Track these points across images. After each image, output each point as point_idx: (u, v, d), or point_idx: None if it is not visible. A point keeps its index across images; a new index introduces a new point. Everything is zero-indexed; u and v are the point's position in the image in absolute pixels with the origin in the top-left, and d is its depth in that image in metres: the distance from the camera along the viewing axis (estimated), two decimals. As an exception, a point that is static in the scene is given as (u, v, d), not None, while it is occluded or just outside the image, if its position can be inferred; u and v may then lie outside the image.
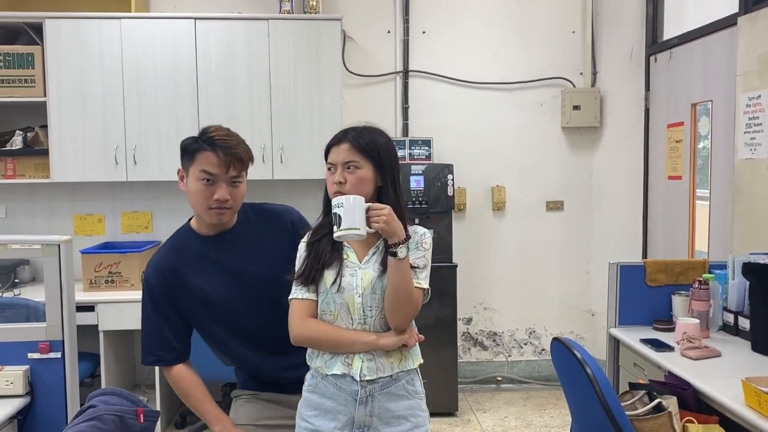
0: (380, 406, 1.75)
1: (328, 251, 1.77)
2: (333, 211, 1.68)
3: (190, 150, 1.98)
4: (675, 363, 2.35)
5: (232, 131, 2.04)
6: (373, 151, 1.76)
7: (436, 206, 4.06)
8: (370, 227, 1.67)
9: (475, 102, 4.51)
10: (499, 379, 4.62)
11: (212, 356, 3.58)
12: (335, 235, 1.68)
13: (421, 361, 1.83)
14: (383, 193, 1.78)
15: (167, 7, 4.31)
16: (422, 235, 1.81)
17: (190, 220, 2.10)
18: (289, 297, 1.80)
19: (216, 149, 1.93)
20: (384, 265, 1.74)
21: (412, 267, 1.74)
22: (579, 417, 2.10)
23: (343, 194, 1.72)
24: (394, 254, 1.67)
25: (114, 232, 4.30)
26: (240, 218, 2.06)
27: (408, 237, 1.71)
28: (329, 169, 1.79)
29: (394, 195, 1.79)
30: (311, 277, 1.76)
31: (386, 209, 1.68)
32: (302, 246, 1.83)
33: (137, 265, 3.82)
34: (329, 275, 1.75)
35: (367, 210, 1.68)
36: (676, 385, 2.18)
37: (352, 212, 1.66)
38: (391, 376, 1.75)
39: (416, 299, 1.73)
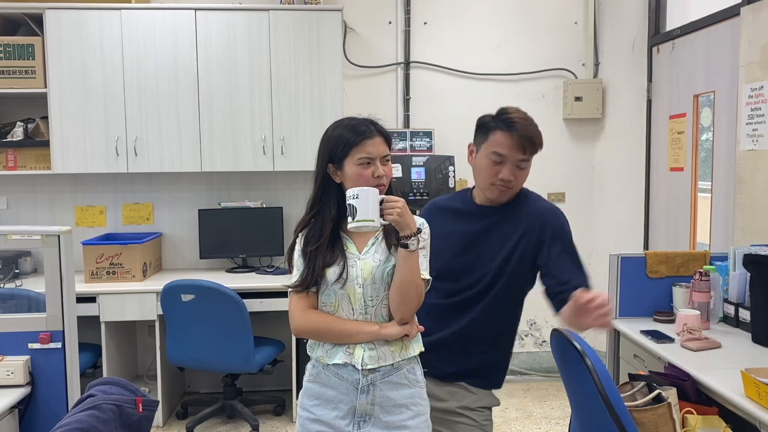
0: (381, 395, 1.75)
1: (329, 253, 1.75)
2: (348, 203, 1.67)
3: (486, 128, 2.00)
4: (675, 354, 2.34)
5: (529, 115, 2.03)
6: (390, 143, 1.80)
7: (438, 198, 4.06)
8: (383, 219, 1.67)
9: (477, 93, 4.49)
10: (500, 370, 4.63)
11: (214, 349, 3.61)
12: (350, 226, 1.68)
13: (422, 348, 1.84)
14: (393, 184, 1.81)
15: (168, -3, 4.30)
16: (421, 225, 1.81)
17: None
18: (289, 289, 1.80)
19: (512, 130, 1.95)
20: (384, 255, 1.75)
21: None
22: (579, 408, 2.10)
23: (385, 187, 1.73)
24: (406, 246, 1.67)
25: (115, 223, 4.31)
26: (514, 201, 2.09)
27: (420, 230, 1.72)
28: (364, 163, 1.72)
29: (394, 187, 1.82)
30: (313, 282, 1.75)
31: (400, 201, 1.68)
32: (298, 258, 1.78)
33: (138, 256, 3.83)
34: (333, 271, 1.74)
35: (381, 202, 1.68)
36: (675, 376, 2.18)
37: (366, 204, 1.65)
38: (392, 364, 1.75)
39: (422, 290, 1.74)
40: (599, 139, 4.57)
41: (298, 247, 1.80)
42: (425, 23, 4.46)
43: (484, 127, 2.01)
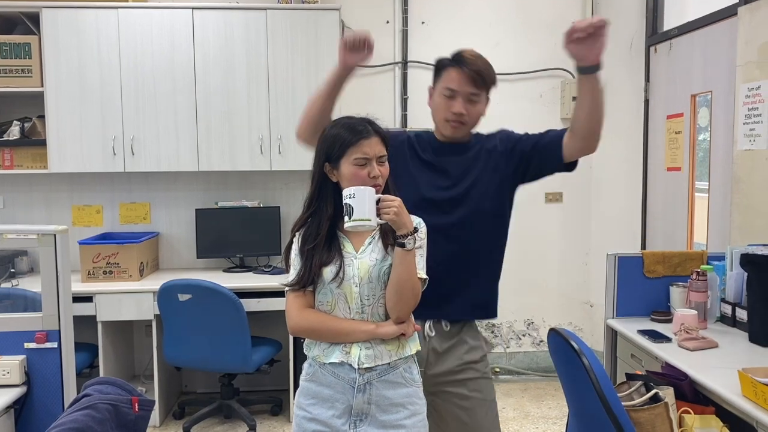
0: (378, 394, 1.75)
1: (326, 252, 1.75)
2: (344, 202, 1.67)
3: (439, 67, 2.08)
4: (672, 354, 2.34)
5: (482, 56, 2.11)
6: (388, 143, 1.80)
7: (435, 197, 4.05)
8: (380, 218, 1.67)
9: (474, 93, 4.48)
10: (497, 370, 4.63)
11: (211, 348, 3.60)
12: (346, 225, 1.67)
13: (419, 348, 1.84)
14: (390, 183, 1.80)
15: (165, -4, 4.29)
16: (417, 224, 1.81)
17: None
18: (286, 289, 1.80)
19: (460, 65, 2.02)
20: (381, 254, 1.75)
21: None
22: (576, 408, 2.10)
23: (381, 187, 1.73)
24: (403, 245, 1.67)
25: (112, 223, 4.30)
26: (474, 139, 2.16)
27: (416, 229, 1.72)
28: (361, 163, 1.72)
29: (395, 186, 1.81)
30: (310, 280, 1.75)
31: (397, 201, 1.68)
32: (295, 257, 1.78)
33: (135, 255, 3.82)
34: (329, 270, 1.74)
35: (378, 201, 1.68)
36: (672, 376, 2.18)
37: (363, 203, 1.65)
38: (389, 363, 1.75)
39: (418, 290, 1.74)
40: (597, 138, 4.56)
41: (295, 246, 1.80)
42: (423, 23, 4.46)
43: (438, 67, 2.09)
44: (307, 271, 1.74)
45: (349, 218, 1.66)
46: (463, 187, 2.05)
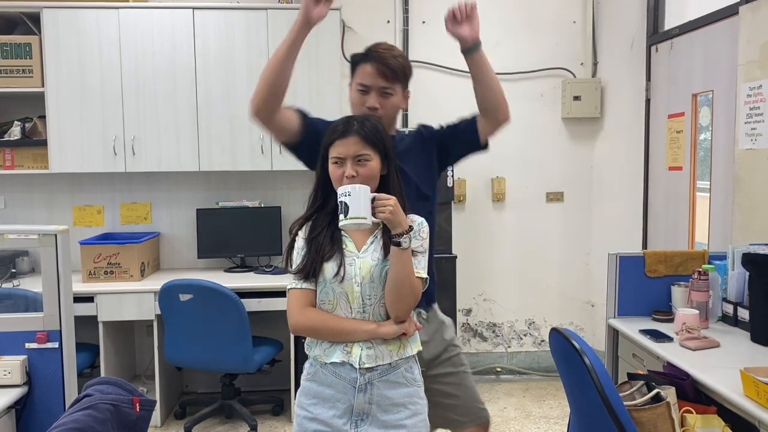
0: (379, 394, 1.75)
1: (327, 244, 1.76)
2: (339, 200, 1.67)
3: (353, 62, 2.12)
4: (674, 353, 2.34)
5: (398, 49, 2.15)
6: (379, 141, 1.77)
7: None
8: (375, 217, 1.67)
9: (475, 93, 4.48)
10: (499, 370, 4.63)
11: (212, 349, 3.60)
12: (341, 223, 1.67)
13: (420, 348, 1.84)
14: (389, 181, 1.79)
15: (165, -4, 4.29)
16: (420, 224, 1.81)
17: None
18: (287, 287, 1.80)
19: (371, 60, 2.04)
20: (383, 254, 1.74)
21: (413, 254, 1.74)
22: (577, 407, 2.09)
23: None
24: (398, 244, 1.67)
25: (113, 223, 4.30)
26: (398, 134, 2.18)
27: (411, 228, 1.72)
28: (335, 162, 1.75)
29: (398, 183, 1.80)
30: (312, 271, 1.75)
31: (392, 200, 1.68)
32: (300, 242, 1.81)
33: (136, 255, 3.82)
34: (330, 267, 1.74)
35: (373, 200, 1.68)
36: (674, 376, 2.17)
37: (358, 201, 1.66)
38: (390, 363, 1.75)
39: (417, 289, 1.74)
40: (598, 138, 4.57)
41: (302, 234, 1.80)
42: (424, 22, 4.46)
43: (353, 63, 2.11)
44: (310, 260, 1.75)
45: (344, 216, 1.66)
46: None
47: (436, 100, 4.46)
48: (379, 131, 1.78)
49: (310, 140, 2.01)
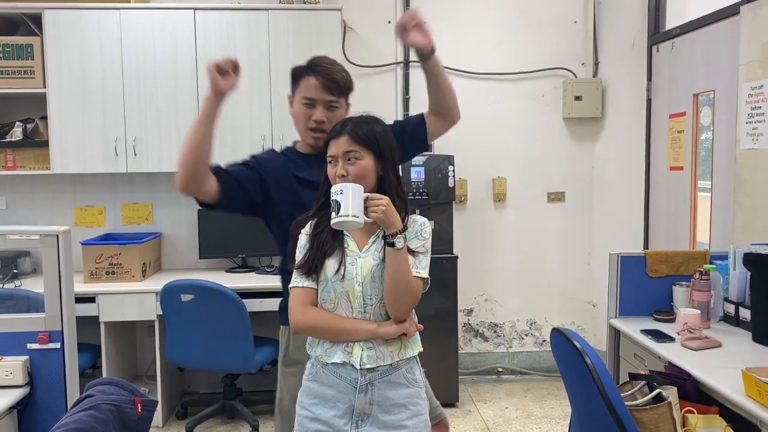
0: (380, 395, 1.75)
1: (329, 241, 1.77)
2: (332, 198, 1.68)
3: (295, 75, 2.12)
4: (675, 353, 2.34)
5: (337, 62, 2.17)
6: (372, 141, 1.76)
7: (437, 198, 4.05)
8: (368, 216, 1.67)
9: (476, 93, 4.49)
10: (500, 370, 4.63)
11: (214, 349, 3.60)
12: (333, 222, 1.68)
13: (421, 349, 1.83)
14: (385, 182, 1.78)
15: (167, -3, 4.29)
16: (422, 225, 1.81)
17: (296, 142, 2.23)
18: (290, 285, 1.81)
19: (316, 74, 2.06)
20: (384, 253, 1.74)
21: (414, 255, 1.74)
22: (579, 408, 2.09)
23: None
24: (392, 244, 1.68)
25: (115, 223, 4.30)
26: None
27: (405, 227, 1.72)
28: (329, 162, 1.78)
29: (396, 183, 1.80)
30: (314, 267, 1.76)
31: (384, 199, 1.68)
32: (303, 237, 1.82)
33: (138, 256, 3.83)
34: (331, 264, 1.75)
35: (366, 199, 1.68)
36: (676, 376, 2.17)
37: (350, 200, 1.66)
38: (391, 364, 1.75)
39: (415, 289, 1.73)
40: (599, 138, 4.57)
41: (305, 231, 1.82)
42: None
43: (296, 76, 2.12)
44: (312, 255, 1.76)
45: (336, 214, 1.66)
46: None
47: (437, 100, 4.47)
48: (374, 132, 1.78)
49: (246, 187, 2.07)
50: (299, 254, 1.80)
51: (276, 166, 2.12)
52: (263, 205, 2.14)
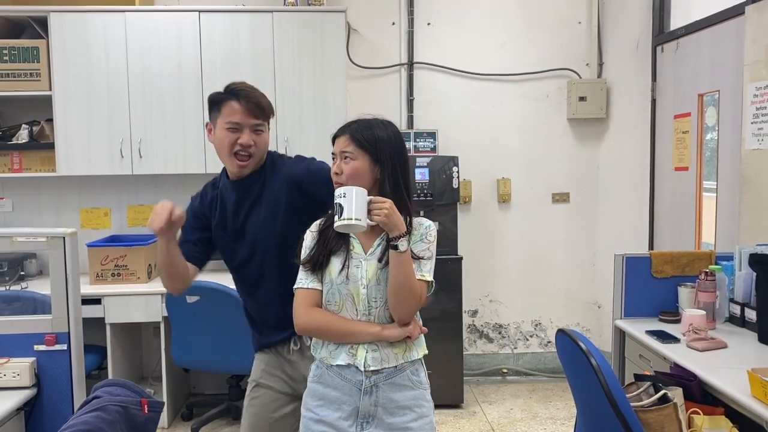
0: (384, 397, 1.75)
1: (334, 239, 1.78)
2: (335, 201, 1.68)
3: (216, 101, 2.09)
4: (681, 354, 2.34)
5: (253, 86, 2.14)
6: (369, 144, 1.76)
7: (442, 199, 4.05)
8: (371, 220, 1.67)
9: (481, 93, 4.49)
10: (505, 371, 4.62)
11: (219, 350, 3.61)
12: (336, 225, 1.68)
13: (426, 351, 1.83)
14: (381, 186, 1.77)
15: (171, 0, 4.30)
16: (427, 228, 1.81)
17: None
18: (295, 286, 1.81)
19: (239, 98, 2.04)
20: (387, 256, 1.74)
21: (418, 258, 1.74)
22: (584, 409, 2.09)
23: (341, 184, 1.73)
24: (395, 247, 1.68)
25: (120, 225, 4.32)
26: (259, 168, 2.14)
27: (408, 231, 1.72)
28: (333, 158, 1.82)
29: (391, 189, 1.76)
30: (319, 263, 1.77)
31: (387, 203, 1.68)
32: (308, 235, 1.83)
33: (143, 258, 3.84)
34: (336, 264, 1.75)
35: (369, 202, 1.68)
36: (681, 377, 2.17)
37: (353, 203, 1.66)
38: (395, 366, 1.75)
39: (419, 292, 1.73)
40: (603, 139, 4.56)
41: (312, 229, 1.83)
42: (429, 24, 4.46)
43: (216, 102, 2.09)
44: (318, 252, 1.77)
45: (339, 217, 1.66)
46: (279, 218, 2.05)
47: (440, 101, 4.48)
48: (374, 135, 1.77)
49: (207, 244, 2.20)
50: (305, 252, 1.81)
51: (206, 206, 2.18)
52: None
